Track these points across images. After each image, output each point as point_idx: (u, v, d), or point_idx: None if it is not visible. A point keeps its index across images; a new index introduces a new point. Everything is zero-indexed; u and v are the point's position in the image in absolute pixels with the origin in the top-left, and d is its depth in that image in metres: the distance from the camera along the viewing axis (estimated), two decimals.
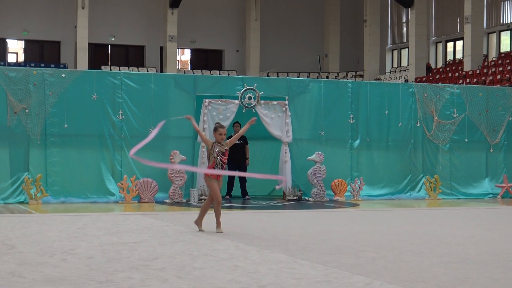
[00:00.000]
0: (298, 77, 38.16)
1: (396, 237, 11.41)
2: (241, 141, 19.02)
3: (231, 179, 19.23)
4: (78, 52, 40.10)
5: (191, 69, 47.06)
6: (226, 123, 18.52)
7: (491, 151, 21.37)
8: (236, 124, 18.85)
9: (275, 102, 19.06)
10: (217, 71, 44.65)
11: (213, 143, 11.74)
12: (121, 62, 45.12)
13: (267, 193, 20.34)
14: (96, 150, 18.02)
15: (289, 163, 19.04)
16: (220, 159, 11.67)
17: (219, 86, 19.24)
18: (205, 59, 48.54)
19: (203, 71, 44.51)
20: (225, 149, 11.74)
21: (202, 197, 17.66)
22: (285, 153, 19.05)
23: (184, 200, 17.97)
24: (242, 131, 12.55)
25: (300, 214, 15.57)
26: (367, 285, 7.30)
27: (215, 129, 11.79)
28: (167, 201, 17.86)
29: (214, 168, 11.66)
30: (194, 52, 48.87)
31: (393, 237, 11.41)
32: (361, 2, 47.60)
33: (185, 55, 49.79)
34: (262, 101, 18.87)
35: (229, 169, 18.91)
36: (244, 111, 18.74)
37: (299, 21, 49.03)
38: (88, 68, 37.70)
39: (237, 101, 18.68)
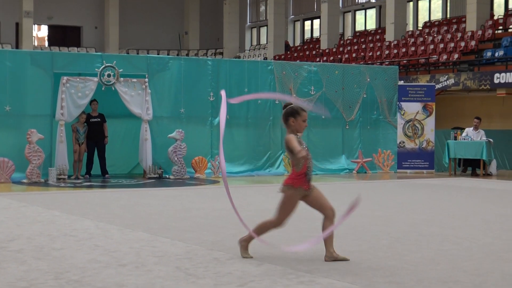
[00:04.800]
0: (158, 54, 37.81)
1: (256, 213, 11.52)
2: (99, 119, 18.76)
3: (90, 157, 18.94)
4: None
5: (48, 46, 45.92)
6: (85, 101, 18.26)
7: (347, 127, 21.92)
8: (93, 102, 18.60)
9: (134, 80, 18.85)
10: (75, 48, 43.73)
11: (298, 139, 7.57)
12: None
13: (127, 172, 20.14)
14: None
15: (149, 141, 18.90)
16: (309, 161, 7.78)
17: (77, 63, 18.83)
18: (63, 36, 47.50)
19: (61, 48, 43.52)
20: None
21: (60, 176, 17.35)
22: (145, 131, 18.88)
23: (42, 180, 17.52)
24: None
25: (160, 192, 15.52)
26: (228, 260, 7.36)
27: (298, 113, 7.54)
28: (24, 181, 17.38)
29: (306, 176, 7.77)
30: (51, 29, 47.75)
31: (254, 213, 11.51)
32: None
33: (41, 32, 48.56)
34: (122, 79, 18.62)
35: (88, 148, 18.66)
36: (103, 88, 18.44)
37: None
38: None
39: (96, 79, 18.35)
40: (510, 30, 30.07)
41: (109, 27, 46.19)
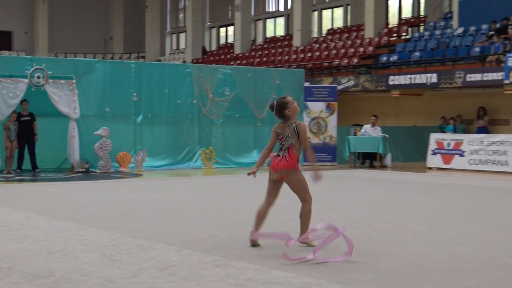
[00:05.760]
0: (84, 58, 37.23)
1: (176, 204, 11.51)
2: (29, 118, 18.40)
3: (21, 153, 18.54)
4: None
5: None
6: (16, 101, 17.89)
7: (259, 124, 22.02)
8: (24, 102, 18.22)
9: (63, 81, 18.53)
10: (7, 52, 42.67)
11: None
12: None
13: (56, 166, 19.77)
14: None
15: (76, 138, 18.63)
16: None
17: (8, 66, 18.37)
18: None
19: None
20: None
21: None
22: (73, 128, 18.61)
23: None
24: None
25: (87, 185, 15.32)
26: (150, 247, 7.33)
27: (287, 103, 7.72)
28: None
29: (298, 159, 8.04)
30: None
31: (173, 204, 11.50)
32: None
33: None
34: (51, 80, 18.29)
35: (19, 144, 18.28)
36: (33, 89, 18.11)
37: (85, 6, 47.96)
38: None
39: (26, 80, 17.97)
40: (403, 37, 30.68)
41: (38, 32, 45.33)
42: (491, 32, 24.55)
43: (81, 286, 5.59)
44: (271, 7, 43.04)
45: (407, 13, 34.84)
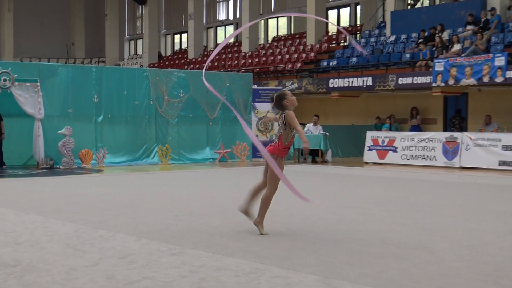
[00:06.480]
0: (48, 62, 36.69)
1: (135, 197, 11.45)
2: None
3: None
4: None
5: None
6: None
7: (211, 124, 22.01)
8: None
9: (28, 84, 18.29)
10: None
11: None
12: None
13: (22, 163, 19.49)
14: None
15: (41, 136, 18.40)
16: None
17: None
18: None
19: None
20: None
21: None
22: (38, 128, 18.38)
23: None
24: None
25: (52, 180, 15.13)
26: (111, 237, 7.28)
27: (285, 95, 7.89)
28: None
29: (289, 150, 7.88)
30: None
31: (132, 197, 11.43)
32: None
33: None
34: (17, 83, 18.03)
35: None
36: (0, 91, 17.82)
37: (49, 14, 47.39)
38: None
39: None
40: (341, 44, 30.95)
41: (4, 38, 44.57)
42: (420, 40, 24.94)
43: (47, 274, 5.53)
44: (221, 16, 43.02)
45: (345, 22, 35.16)
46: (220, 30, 43.12)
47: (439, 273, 5.60)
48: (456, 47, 22.47)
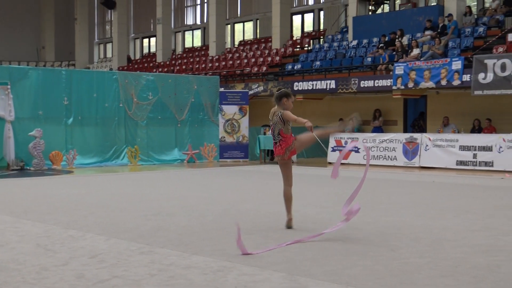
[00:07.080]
0: (19, 65, 36.18)
1: (105, 197, 11.34)
2: None
3: None
4: None
5: None
6: None
7: (179, 125, 21.91)
8: None
9: None
10: None
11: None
12: None
13: None
14: None
15: (12, 138, 18.14)
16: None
17: None
18: None
19: None
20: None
21: None
22: (9, 130, 18.12)
23: None
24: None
25: (23, 182, 14.91)
26: (81, 237, 7.19)
27: (290, 95, 8.14)
28: None
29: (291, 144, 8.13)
30: None
31: (102, 197, 11.32)
32: (72, 2, 46.59)
33: None
34: None
35: None
36: None
37: (19, 17, 46.82)
38: None
39: None
40: (305, 49, 31.04)
41: None
42: (381, 44, 25.14)
43: (17, 274, 5.43)
44: (189, 21, 42.88)
45: (309, 27, 35.29)
46: (188, 35, 42.99)
47: (401, 270, 5.62)
48: (415, 51, 22.69)
